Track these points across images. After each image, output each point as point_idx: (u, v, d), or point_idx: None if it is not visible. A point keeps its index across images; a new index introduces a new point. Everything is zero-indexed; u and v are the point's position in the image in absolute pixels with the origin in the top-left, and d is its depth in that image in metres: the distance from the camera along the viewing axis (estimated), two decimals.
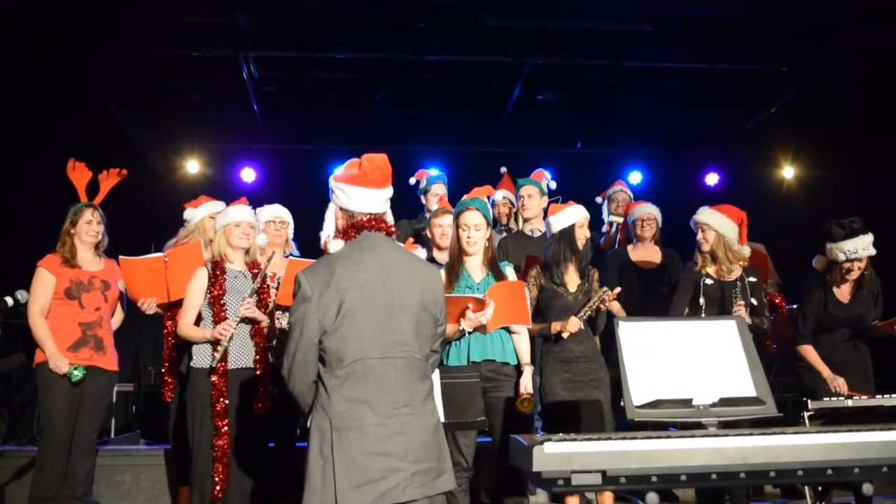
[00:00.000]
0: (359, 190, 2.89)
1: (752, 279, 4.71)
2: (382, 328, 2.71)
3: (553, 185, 5.90)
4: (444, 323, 2.97)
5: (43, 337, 4.56)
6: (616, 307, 5.07)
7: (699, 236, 4.78)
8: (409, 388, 2.71)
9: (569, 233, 4.52)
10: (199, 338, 4.20)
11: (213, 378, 4.13)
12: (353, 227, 2.89)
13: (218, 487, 4.07)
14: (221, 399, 4.13)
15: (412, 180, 6.12)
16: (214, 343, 4.15)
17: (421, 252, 4.28)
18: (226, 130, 9.19)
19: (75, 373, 4.51)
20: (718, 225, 4.73)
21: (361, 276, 2.74)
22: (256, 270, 4.39)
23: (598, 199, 6.44)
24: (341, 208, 2.94)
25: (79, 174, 4.87)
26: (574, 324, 4.30)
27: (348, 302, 2.69)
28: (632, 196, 6.31)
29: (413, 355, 2.75)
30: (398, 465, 2.61)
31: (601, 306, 4.36)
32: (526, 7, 7.03)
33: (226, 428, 4.12)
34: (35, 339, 4.61)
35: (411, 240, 4.77)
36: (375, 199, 2.90)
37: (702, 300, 4.68)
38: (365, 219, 2.88)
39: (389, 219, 3.03)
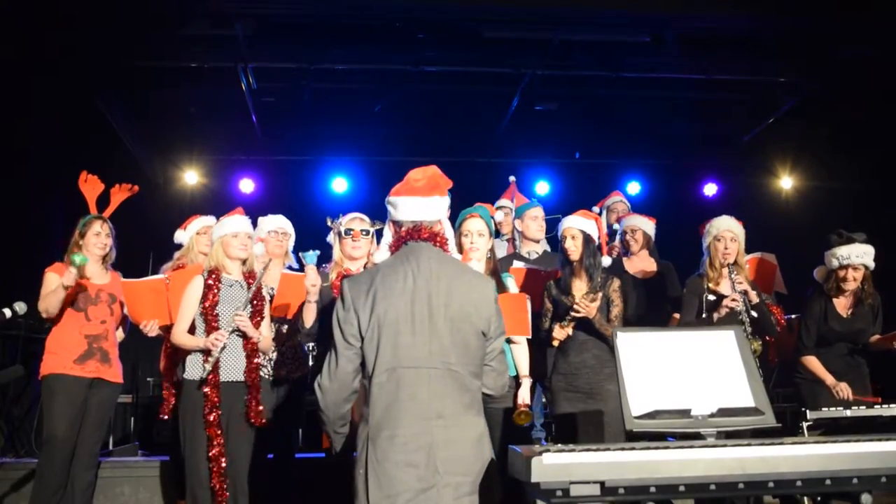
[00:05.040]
0: (404, 199, 2.88)
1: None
2: (418, 338, 2.68)
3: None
4: (497, 338, 2.86)
5: (51, 291, 4.50)
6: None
7: (726, 246, 4.76)
8: (443, 399, 2.66)
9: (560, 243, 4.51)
10: (192, 346, 4.19)
11: (206, 389, 4.11)
12: (399, 238, 2.88)
13: (219, 499, 4.04)
14: (214, 410, 4.10)
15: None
16: (206, 353, 4.14)
17: (476, 265, 4.22)
18: (225, 141, 9.22)
19: (77, 260, 4.42)
20: (742, 234, 4.80)
21: (399, 285, 2.72)
22: (252, 280, 4.39)
23: (596, 209, 6.44)
24: (392, 222, 2.94)
25: (90, 186, 4.85)
26: (557, 332, 4.26)
27: (384, 310, 2.68)
28: (629, 206, 6.32)
29: (450, 367, 2.69)
30: (426, 475, 2.58)
31: (573, 313, 4.24)
32: (524, 18, 7.05)
33: (220, 439, 4.09)
34: (49, 306, 4.51)
35: (467, 252, 4.73)
36: (420, 207, 2.87)
37: (704, 316, 4.67)
38: (410, 227, 2.86)
39: (442, 229, 2.94)
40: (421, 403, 2.64)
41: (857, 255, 4.58)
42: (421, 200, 2.87)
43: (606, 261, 4.50)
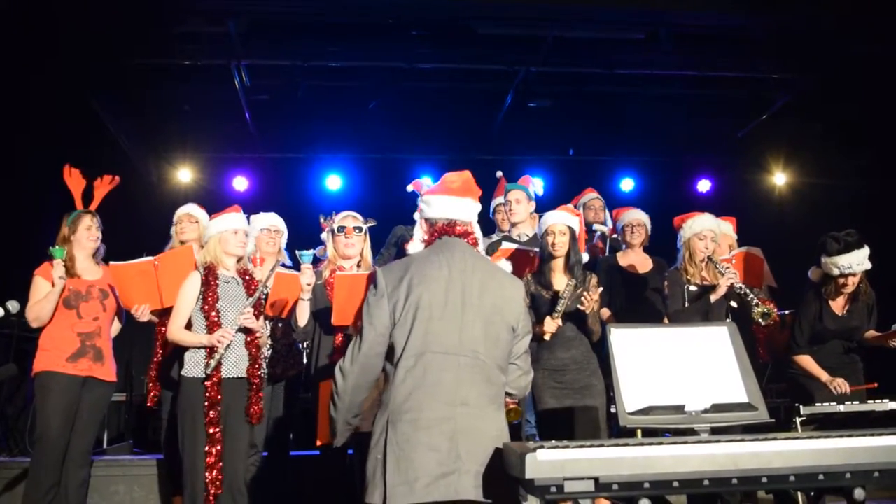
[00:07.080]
0: (439, 198, 2.99)
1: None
2: (448, 325, 2.73)
3: (540, 191, 5.87)
4: (524, 336, 2.94)
5: (42, 298, 4.49)
6: (605, 314, 5.07)
7: (707, 246, 4.78)
8: (469, 387, 2.70)
9: (543, 237, 4.52)
10: (195, 343, 4.14)
11: (207, 384, 4.09)
12: (433, 234, 2.97)
13: (211, 494, 4.03)
14: (215, 407, 4.08)
15: (409, 188, 6.06)
16: (209, 350, 4.12)
17: (507, 265, 4.25)
18: (218, 139, 9.19)
19: (56, 254, 4.42)
20: (720, 234, 4.85)
21: (433, 274, 2.78)
22: (248, 278, 4.38)
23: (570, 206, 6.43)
24: (425, 220, 3.02)
25: (74, 181, 4.83)
26: (549, 324, 4.27)
27: (417, 297, 2.73)
28: (605, 203, 6.29)
29: (478, 356, 2.74)
30: (447, 460, 2.60)
31: (579, 307, 4.27)
32: (518, 15, 7.05)
33: (219, 435, 4.07)
34: (40, 313, 4.49)
35: (498, 253, 4.78)
36: (454, 206, 2.98)
37: (687, 305, 4.69)
38: (445, 223, 2.95)
39: (474, 230, 3.04)
40: (447, 389, 2.68)
41: (858, 263, 4.56)
42: (455, 199, 2.99)
43: (584, 256, 4.58)
